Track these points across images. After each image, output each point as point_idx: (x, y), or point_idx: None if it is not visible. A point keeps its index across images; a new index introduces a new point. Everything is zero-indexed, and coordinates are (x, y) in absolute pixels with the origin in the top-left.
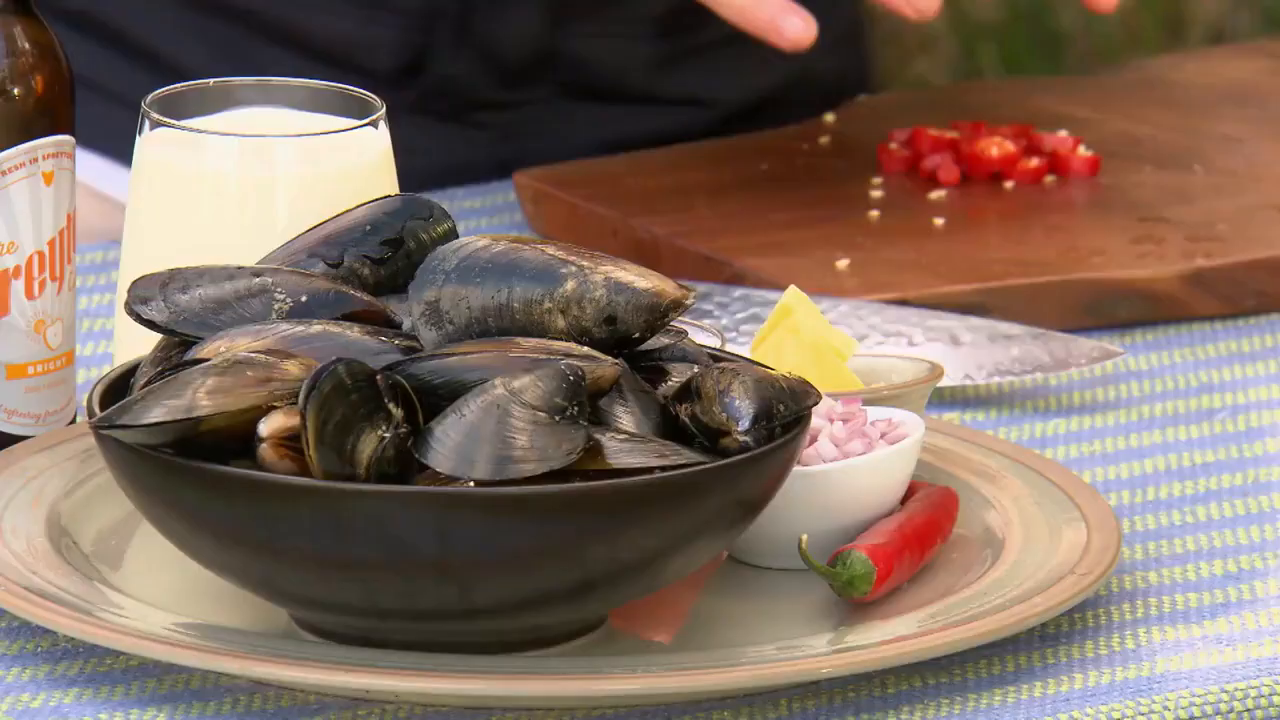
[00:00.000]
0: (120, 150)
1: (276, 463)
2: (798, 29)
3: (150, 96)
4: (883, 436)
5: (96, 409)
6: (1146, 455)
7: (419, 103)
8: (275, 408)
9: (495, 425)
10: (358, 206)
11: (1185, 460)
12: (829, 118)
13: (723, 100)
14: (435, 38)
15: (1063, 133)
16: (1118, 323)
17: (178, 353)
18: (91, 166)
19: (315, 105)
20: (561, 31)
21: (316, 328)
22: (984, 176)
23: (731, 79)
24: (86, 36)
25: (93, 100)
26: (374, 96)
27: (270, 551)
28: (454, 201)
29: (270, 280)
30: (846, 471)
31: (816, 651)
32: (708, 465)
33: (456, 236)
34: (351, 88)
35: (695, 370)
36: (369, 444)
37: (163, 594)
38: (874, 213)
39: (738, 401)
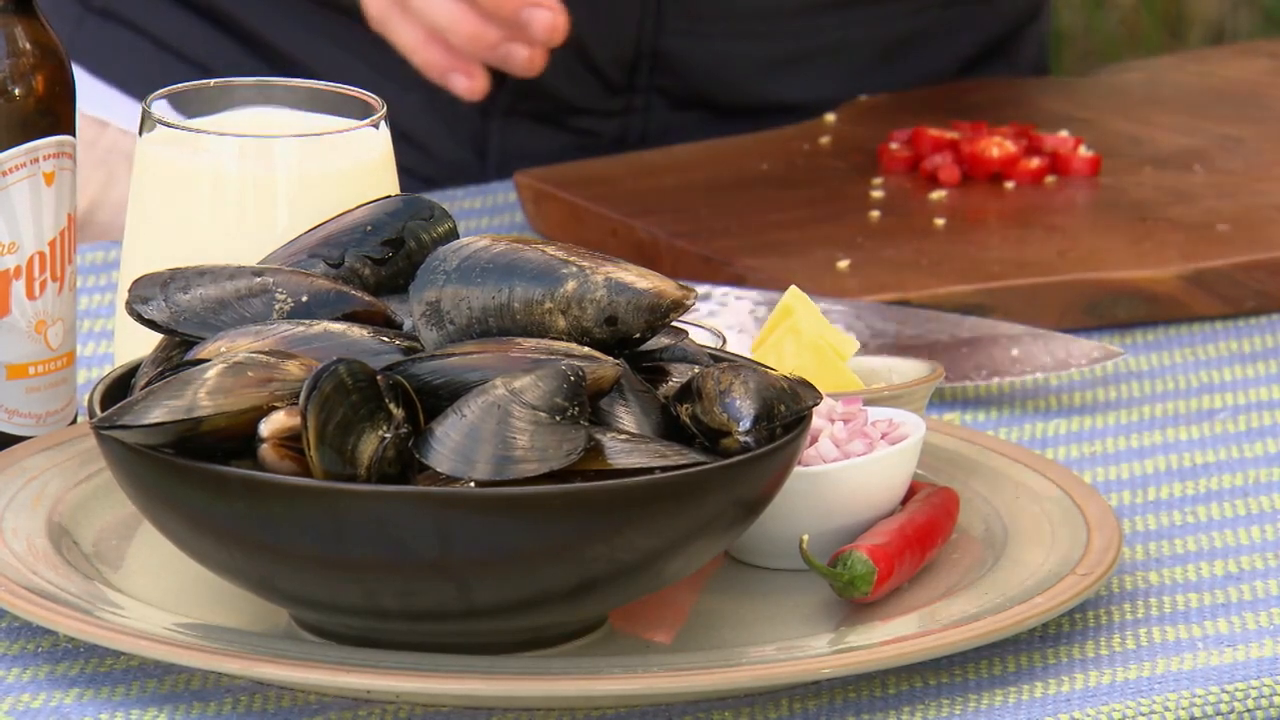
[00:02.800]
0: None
1: (277, 463)
2: (544, 21)
3: (150, 97)
4: (883, 437)
5: (97, 409)
6: (1147, 456)
7: (513, 104)
8: (276, 408)
9: (496, 425)
10: (358, 206)
11: (1186, 461)
12: (829, 118)
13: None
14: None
15: (1063, 133)
16: (1118, 323)
17: (178, 353)
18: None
19: (315, 105)
20: (662, 34)
21: (317, 328)
22: (984, 177)
23: (850, 85)
24: (204, 22)
25: (183, 71)
26: (374, 96)
27: (270, 551)
28: (454, 201)
29: (271, 280)
30: (847, 472)
31: (816, 651)
32: (708, 465)
33: (457, 236)
34: (351, 88)
35: (695, 370)
36: (369, 444)
37: (163, 594)
38: (874, 213)
39: (738, 402)
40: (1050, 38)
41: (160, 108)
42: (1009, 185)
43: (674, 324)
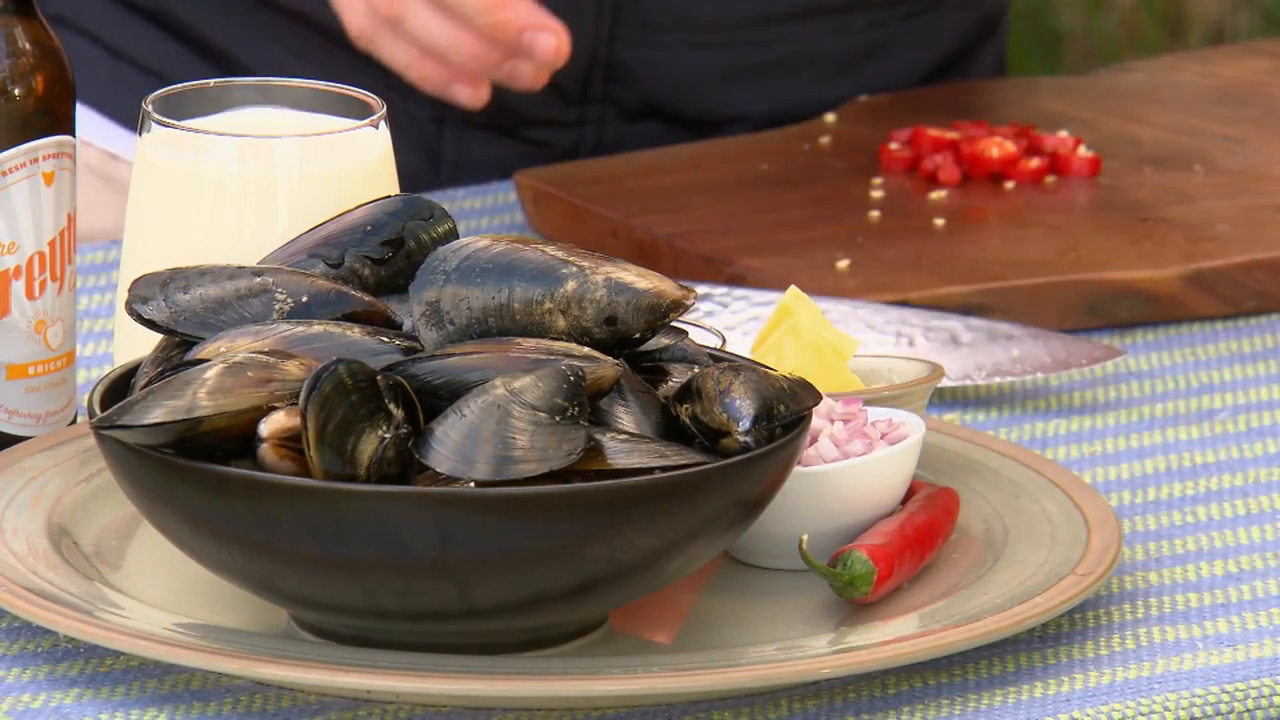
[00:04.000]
0: None
1: (276, 463)
2: (548, 45)
3: (150, 96)
4: (883, 437)
5: (97, 409)
6: (1147, 456)
7: (468, 113)
8: (275, 408)
9: (495, 426)
10: (358, 206)
11: (1185, 461)
12: (829, 118)
13: (801, 118)
14: None
15: (1063, 133)
16: (1118, 323)
17: (178, 353)
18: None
19: (315, 105)
20: (616, 43)
21: (317, 328)
22: (984, 177)
23: (806, 97)
24: (158, 30)
25: (139, 80)
26: (374, 97)
27: (270, 551)
28: (454, 201)
29: (271, 280)
30: (847, 472)
31: (816, 651)
32: (708, 465)
33: (457, 237)
34: (351, 88)
35: (695, 370)
36: (369, 444)
37: (163, 594)
38: (874, 213)
39: (738, 402)
40: (1007, 49)
41: (159, 108)
42: (1009, 185)
43: (674, 324)
